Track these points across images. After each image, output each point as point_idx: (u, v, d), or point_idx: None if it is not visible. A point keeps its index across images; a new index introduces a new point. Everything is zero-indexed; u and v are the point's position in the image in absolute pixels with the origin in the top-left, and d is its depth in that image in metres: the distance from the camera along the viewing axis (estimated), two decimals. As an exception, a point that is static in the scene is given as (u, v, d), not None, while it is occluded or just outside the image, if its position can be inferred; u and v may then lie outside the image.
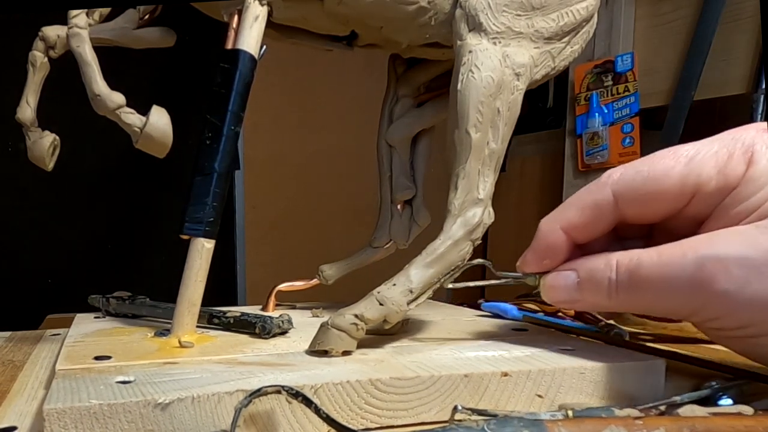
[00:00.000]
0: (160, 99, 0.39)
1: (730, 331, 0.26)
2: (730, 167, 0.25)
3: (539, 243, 0.30)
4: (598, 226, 0.28)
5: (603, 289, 0.27)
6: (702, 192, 0.26)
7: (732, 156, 0.25)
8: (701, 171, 0.26)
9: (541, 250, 0.30)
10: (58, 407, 0.21)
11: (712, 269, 0.24)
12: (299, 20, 0.38)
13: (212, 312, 0.37)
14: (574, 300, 0.29)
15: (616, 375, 0.28)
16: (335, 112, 1.70)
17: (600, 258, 0.28)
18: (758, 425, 0.20)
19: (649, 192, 0.27)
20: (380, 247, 0.45)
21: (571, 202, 0.29)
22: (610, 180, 0.28)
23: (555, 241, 0.29)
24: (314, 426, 0.24)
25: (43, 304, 0.87)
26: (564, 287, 0.29)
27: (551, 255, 0.29)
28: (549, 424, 0.20)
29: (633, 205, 0.27)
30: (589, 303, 0.28)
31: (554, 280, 0.29)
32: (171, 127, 0.37)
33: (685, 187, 0.26)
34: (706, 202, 0.26)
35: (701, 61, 1.29)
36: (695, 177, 0.26)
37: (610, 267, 0.27)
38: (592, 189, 0.28)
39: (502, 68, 0.33)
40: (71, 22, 0.38)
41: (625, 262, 0.27)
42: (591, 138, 1.49)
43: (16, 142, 1.14)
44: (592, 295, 0.28)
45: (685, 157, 0.26)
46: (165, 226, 1.29)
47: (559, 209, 0.29)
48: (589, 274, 0.28)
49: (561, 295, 0.29)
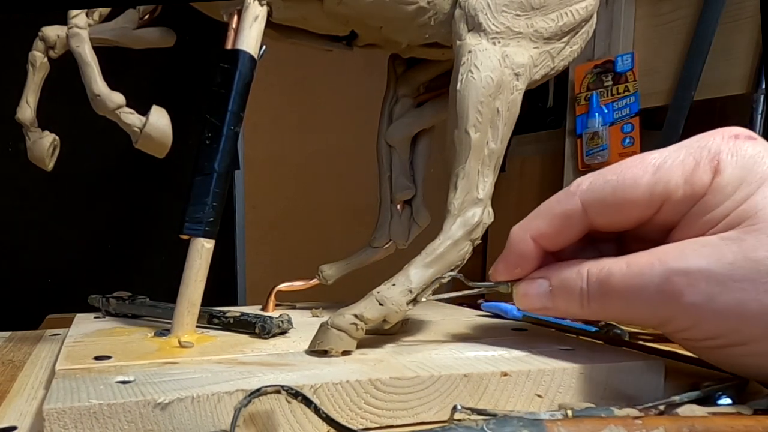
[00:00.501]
0: (160, 99, 0.39)
1: (699, 342, 0.26)
2: (697, 176, 0.25)
3: (510, 252, 0.30)
4: (568, 234, 0.29)
5: (575, 297, 0.27)
6: (670, 201, 0.26)
7: (698, 164, 0.25)
8: (669, 180, 0.25)
9: (512, 259, 0.30)
10: (58, 407, 0.21)
11: (679, 282, 0.24)
12: (299, 20, 0.38)
13: (212, 312, 0.37)
14: (546, 308, 0.29)
15: (616, 375, 0.28)
16: (335, 112, 1.70)
17: (572, 267, 0.28)
18: (757, 425, 0.20)
19: (618, 201, 0.27)
20: (380, 247, 0.45)
21: (540, 212, 0.29)
22: (579, 189, 0.28)
23: (525, 250, 0.29)
24: (314, 426, 0.24)
25: (43, 304, 0.87)
26: (536, 295, 0.29)
27: (522, 264, 0.30)
28: (548, 424, 0.20)
29: (602, 214, 0.27)
30: (562, 311, 0.29)
31: (527, 288, 0.29)
32: (171, 127, 0.37)
33: (654, 196, 0.26)
34: (674, 210, 0.26)
35: (701, 61, 1.29)
36: (663, 186, 0.26)
37: (581, 276, 0.27)
38: (561, 198, 0.28)
39: (502, 68, 0.34)
40: (71, 22, 0.38)
41: (595, 272, 0.27)
42: (591, 138, 1.49)
43: (16, 142, 1.14)
44: (564, 303, 0.28)
45: (653, 166, 0.26)
46: (165, 226, 1.29)
47: (529, 218, 0.29)
48: (561, 282, 0.28)
49: (534, 302, 0.29)
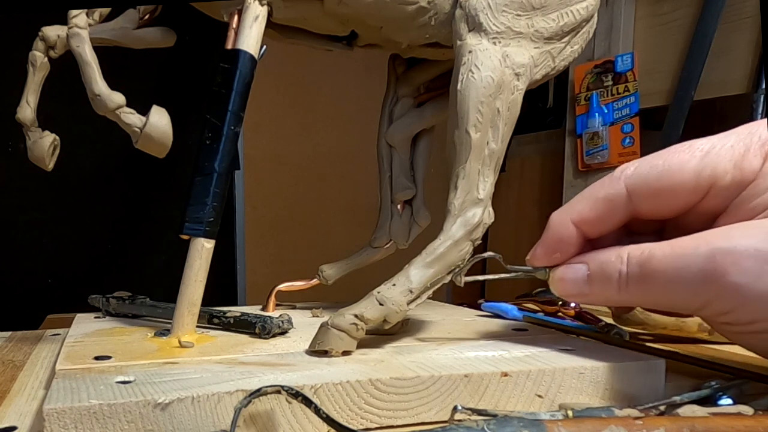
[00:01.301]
0: (160, 99, 0.39)
1: (740, 326, 0.25)
2: (747, 161, 0.25)
3: (550, 236, 0.29)
4: (610, 220, 0.28)
5: (613, 281, 0.27)
6: (717, 186, 0.25)
7: (748, 150, 0.25)
8: (717, 165, 0.25)
9: (551, 244, 0.29)
10: (58, 407, 0.21)
11: (724, 261, 0.23)
12: (299, 20, 0.38)
13: (212, 312, 0.37)
14: (583, 293, 0.28)
15: (616, 375, 0.28)
16: (335, 112, 1.70)
17: (612, 251, 0.27)
18: (758, 425, 0.20)
19: (664, 186, 0.26)
20: (380, 247, 0.45)
21: (583, 196, 0.29)
22: (624, 174, 0.28)
23: (565, 234, 0.29)
24: (314, 426, 0.24)
25: (43, 304, 0.87)
26: (573, 280, 0.28)
27: (561, 248, 0.29)
28: (549, 424, 0.20)
29: (647, 199, 0.27)
30: (599, 296, 0.28)
31: (564, 272, 0.29)
32: (171, 127, 0.37)
33: (701, 181, 0.26)
34: (721, 197, 0.26)
35: (701, 61, 1.29)
36: (711, 171, 0.25)
37: (621, 259, 0.27)
38: (605, 183, 0.28)
39: (502, 68, 0.33)
40: (71, 22, 0.38)
41: (637, 254, 0.26)
42: (591, 138, 1.49)
43: (16, 142, 1.14)
44: (601, 288, 0.27)
45: (701, 151, 0.26)
46: (165, 226, 1.29)
47: (570, 203, 0.29)
48: (600, 266, 0.27)
49: (570, 288, 0.29)
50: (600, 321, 0.44)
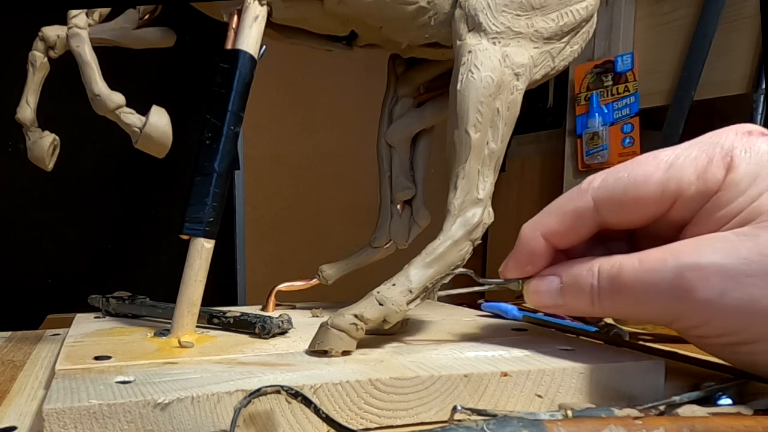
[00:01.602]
0: (160, 99, 0.39)
1: (711, 339, 0.26)
2: (710, 172, 0.25)
3: (521, 249, 0.30)
4: (579, 232, 0.28)
5: (585, 294, 0.27)
6: (682, 197, 0.26)
7: (711, 161, 0.25)
8: (681, 176, 0.25)
9: (522, 257, 0.30)
10: (58, 407, 0.21)
11: (692, 278, 0.24)
12: (299, 20, 0.38)
13: (212, 312, 0.37)
14: (557, 305, 0.29)
15: (616, 375, 0.28)
16: (335, 112, 1.70)
17: (583, 264, 0.28)
18: (757, 425, 0.20)
19: (630, 198, 0.27)
20: (380, 247, 0.45)
21: (551, 209, 0.29)
22: (591, 187, 0.28)
23: (536, 247, 0.29)
24: (314, 426, 0.24)
25: (43, 304, 0.87)
26: (547, 292, 0.29)
27: (533, 261, 0.30)
28: (548, 424, 0.20)
29: (614, 211, 0.27)
30: (573, 308, 0.28)
31: (537, 285, 0.29)
32: (171, 127, 0.37)
33: (666, 192, 0.26)
34: (687, 207, 0.26)
35: (701, 61, 1.29)
36: (675, 182, 0.26)
37: (592, 273, 0.27)
38: (572, 196, 0.28)
39: (502, 68, 0.33)
40: (71, 22, 0.38)
41: (607, 268, 0.27)
42: (591, 138, 1.49)
43: (16, 142, 1.14)
44: (575, 300, 0.28)
45: (665, 163, 0.26)
46: (165, 226, 1.29)
47: (540, 215, 0.29)
48: (572, 279, 0.28)
49: (544, 300, 0.29)
50: (600, 321, 0.44)
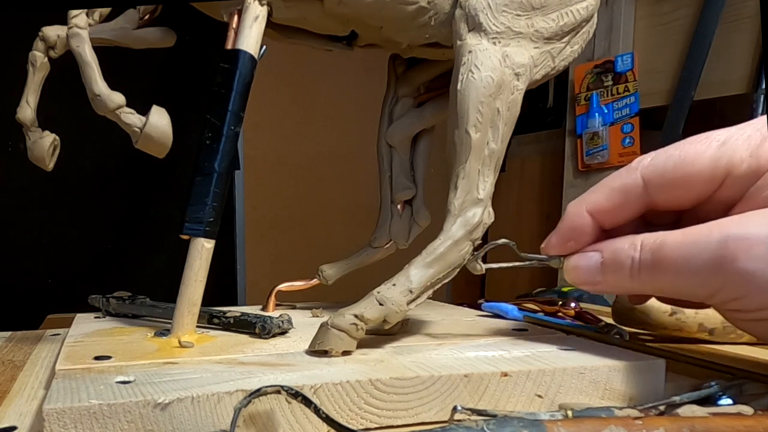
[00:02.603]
0: (160, 99, 0.39)
1: (750, 313, 0.26)
2: (763, 150, 0.25)
3: (565, 225, 0.29)
4: (626, 210, 0.28)
5: (626, 269, 0.27)
6: (733, 175, 0.26)
7: (765, 139, 0.25)
8: (733, 154, 0.25)
9: (566, 232, 0.29)
10: (58, 407, 0.21)
11: (735, 247, 0.24)
12: (299, 20, 0.38)
13: (212, 312, 0.37)
14: (596, 282, 0.28)
15: (616, 375, 0.28)
16: (335, 112, 1.70)
17: (626, 239, 0.28)
18: (758, 425, 0.20)
19: (680, 176, 0.26)
20: (380, 247, 0.45)
21: (599, 186, 0.29)
22: (641, 165, 0.28)
23: (580, 223, 0.29)
24: (314, 426, 0.24)
25: (43, 304, 0.87)
26: (587, 268, 0.29)
27: (576, 237, 0.29)
28: (548, 424, 0.20)
29: (663, 189, 0.27)
30: (611, 284, 0.28)
31: (578, 260, 0.29)
32: (171, 127, 0.37)
33: (717, 170, 0.26)
34: (737, 186, 0.26)
35: (701, 61, 1.29)
36: (727, 160, 0.25)
37: (634, 246, 0.27)
38: (621, 173, 0.28)
39: (502, 68, 0.33)
40: (71, 22, 0.38)
41: (650, 241, 0.26)
42: (591, 138, 1.49)
43: (16, 142, 1.14)
44: (614, 276, 0.28)
45: (717, 141, 0.26)
46: (165, 226, 1.29)
47: (586, 193, 0.29)
48: (613, 254, 0.28)
49: (583, 276, 0.29)
50: (600, 321, 0.44)
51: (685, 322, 0.39)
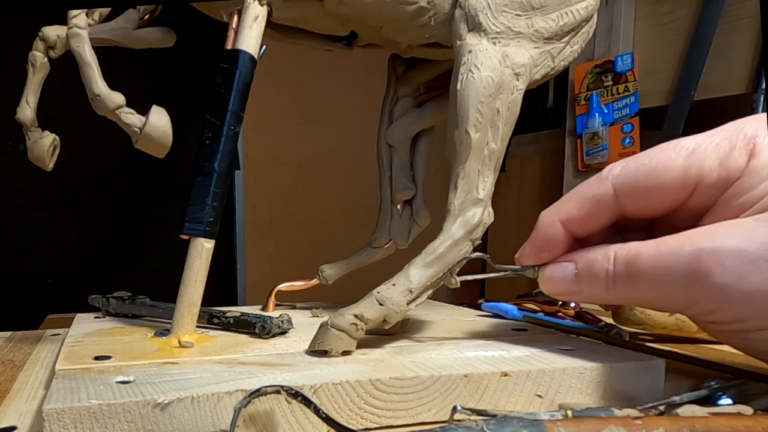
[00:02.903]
0: (160, 99, 0.39)
1: (725, 325, 0.26)
2: (732, 159, 0.25)
3: (538, 235, 0.30)
4: (598, 219, 0.28)
5: (600, 280, 0.27)
6: (703, 184, 0.26)
7: (734, 148, 0.25)
8: (703, 163, 0.25)
9: (539, 243, 0.29)
10: (58, 407, 0.21)
11: (708, 261, 0.24)
12: (299, 20, 0.38)
13: (212, 312, 0.37)
14: (572, 292, 0.29)
15: (616, 375, 0.28)
16: (335, 112, 1.70)
17: (599, 250, 0.28)
18: (758, 425, 0.20)
19: (651, 185, 0.27)
20: (380, 247, 0.45)
21: (570, 196, 0.29)
22: (611, 174, 0.28)
23: (553, 233, 0.29)
24: (314, 426, 0.24)
25: (43, 304, 0.87)
26: (562, 279, 0.29)
27: (550, 247, 0.29)
28: (548, 424, 0.20)
29: (634, 198, 0.27)
30: (587, 295, 0.28)
31: (553, 271, 0.29)
32: (171, 127, 0.37)
33: (687, 179, 0.26)
34: (707, 195, 0.26)
35: (701, 61, 1.29)
36: (697, 169, 0.26)
37: (607, 258, 0.27)
38: (592, 183, 0.28)
39: (502, 68, 0.33)
40: (71, 22, 0.38)
41: (623, 253, 0.27)
42: (591, 138, 1.49)
43: (16, 142, 1.14)
44: (589, 286, 0.28)
45: (687, 150, 0.26)
46: (165, 226, 1.29)
47: (558, 202, 0.29)
48: (587, 265, 0.28)
49: (559, 286, 0.29)
50: (600, 321, 0.44)
51: (685, 322, 0.39)
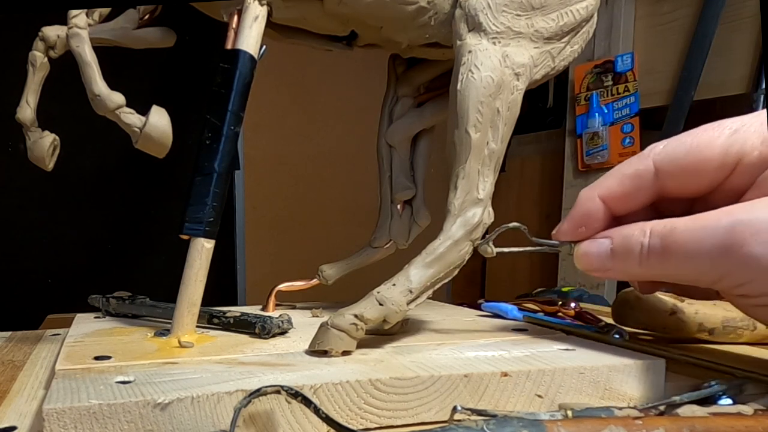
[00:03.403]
0: (160, 99, 0.39)
1: (755, 299, 0.26)
2: None
3: (577, 211, 0.30)
4: (638, 197, 0.29)
5: (635, 254, 0.27)
6: (744, 162, 0.26)
7: None
8: (745, 142, 0.26)
9: (577, 218, 0.30)
10: (58, 407, 0.21)
11: (743, 232, 0.24)
12: (299, 20, 0.38)
13: (212, 312, 0.37)
14: (605, 268, 0.29)
15: (616, 375, 0.28)
16: (335, 112, 1.70)
17: (636, 225, 0.28)
18: (757, 425, 0.20)
19: (691, 162, 0.27)
20: (380, 247, 0.45)
21: (611, 173, 0.29)
22: (653, 152, 0.28)
23: (592, 209, 0.29)
24: (313, 426, 0.24)
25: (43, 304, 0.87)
26: (597, 254, 0.29)
27: (588, 223, 0.29)
28: (548, 424, 0.20)
29: (674, 176, 0.27)
30: (620, 271, 0.28)
31: (588, 247, 0.29)
32: (170, 127, 0.37)
33: (728, 157, 0.26)
34: (748, 173, 0.26)
35: (701, 61, 1.29)
36: (739, 147, 0.26)
37: (644, 232, 0.27)
38: (633, 160, 0.29)
39: (502, 68, 0.33)
40: (71, 22, 0.38)
41: (659, 228, 0.27)
42: (591, 138, 1.49)
43: (16, 142, 1.14)
44: (623, 262, 0.28)
45: (730, 129, 0.26)
46: (165, 226, 1.29)
47: (600, 179, 0.30)
48: (623, 240, 0.28)
49: (593, 262, 0.29)
50: (600, 321, 0.44)
51: (685, 322, 0.39)
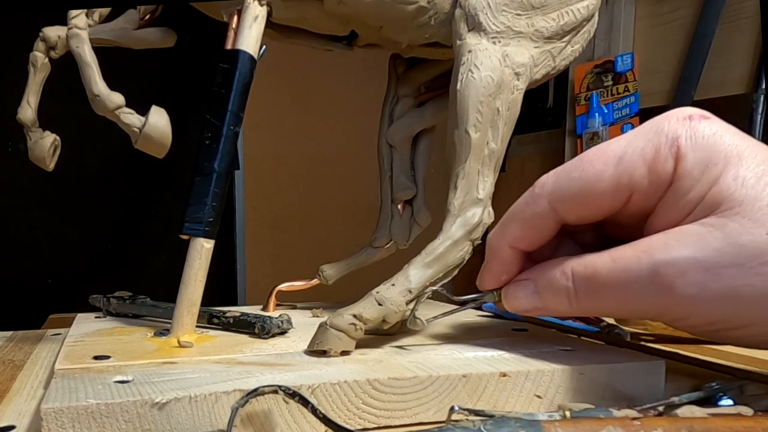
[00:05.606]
0: (160, 99, 0.39)
1: (698, 327, 0.26)
2: (659, 164, 0.25)
3: (493, 261, 0.30)
4: (543, 234, 0.29)
5: (563, 297, 0.27)
6: (638, 191, 0.26)
7: (659, 152, 0.25)
8: (633, 171, 0.25)
9: (497, 268, 0.30)
10: (56, 406, 0.21)
11: (668, 274, 0.24)
12: (299, 20, 0.38)
13: (212, 312, 0.37)
14: (537, 308, 0.29)
15: (616, 375, 0.28)
16: (335, 112, 1.71)
17: (555, 267, 0.28)
18: (757, 426, 0.20)
19: (586, 198, 0.27)
20: (380, 247, 0.45)
21: (511, 217, 0.29)
22: (545, 191, 0.28)
23: (505, 257, 0.29)
24: (311, 426, 0.24)
25: (44, 304, 0.87)
26: (525, 297, 0.29)
27: (507, 270, 0.30)
28: (546, 425, 0.20)
29: (572, 211, 0.27)
30: (552, 309, 0.28)
31: (515, 291, 0.29)
32: (170, 127, 0.37)
33: (620, 188, 0.26)
34: (645, 200, 0.26)
35: (701, 61, 1.29)
36: (628, 178, 0.26)
37: (565, 276, 0.27)
38: (528, 201, 0.29)
39: (502, 68, 0.33)
40: (71, 22, 0.38)
41: (580, 270, 0.27)
42: (591, 138, 1.49)
43: (16, 142, 1.14)
44: (553, 302, 0.28)
45: (614, 158, 0.26)
46: (165, 226, 1.29)
47: (501, 225, 0.30)
48: (547, 283, 0.28)
49: (523, 304, 0.29)
50: (600, 321, 0.44)
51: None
